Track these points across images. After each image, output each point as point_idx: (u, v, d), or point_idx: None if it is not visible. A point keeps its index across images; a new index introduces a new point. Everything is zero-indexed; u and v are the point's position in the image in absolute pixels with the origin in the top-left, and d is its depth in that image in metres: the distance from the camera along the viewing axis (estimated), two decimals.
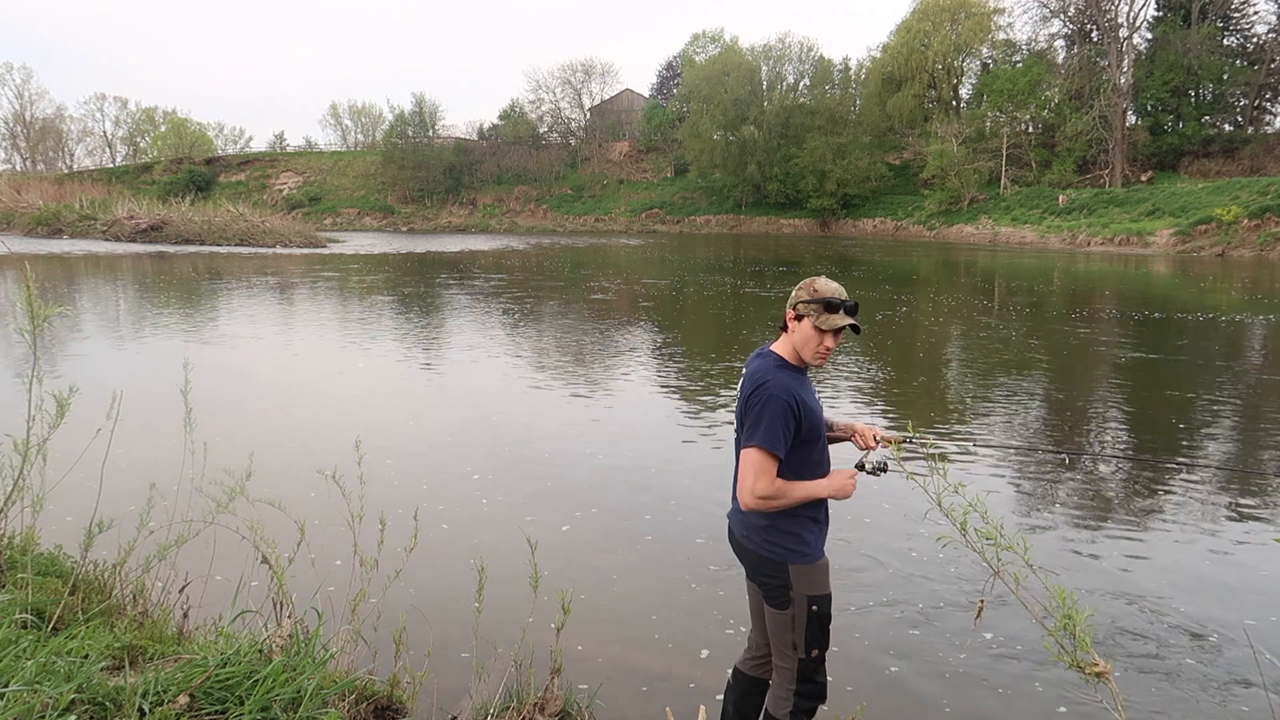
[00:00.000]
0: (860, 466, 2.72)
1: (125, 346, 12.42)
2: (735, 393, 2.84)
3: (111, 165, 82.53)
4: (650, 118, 70.49)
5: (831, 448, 2.81)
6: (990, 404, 9.25)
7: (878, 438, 2.80)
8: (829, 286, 2.65)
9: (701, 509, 5.80)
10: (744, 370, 2.79)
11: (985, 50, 57.68)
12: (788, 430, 2.56)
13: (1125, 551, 5.24)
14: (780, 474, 2.59)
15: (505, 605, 3.83)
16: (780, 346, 2.73)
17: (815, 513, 2.70)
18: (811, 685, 2.73)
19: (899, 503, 5.79)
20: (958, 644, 4.10)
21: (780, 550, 2.66)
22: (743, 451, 2.61)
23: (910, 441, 2.73)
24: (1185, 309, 17.40)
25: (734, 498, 2.76)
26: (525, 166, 69.53)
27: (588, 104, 74.10)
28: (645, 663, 3.95)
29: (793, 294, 2.69)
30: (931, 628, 4.28)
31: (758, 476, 2.55)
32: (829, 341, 2.64)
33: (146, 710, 2.24)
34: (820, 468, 2.70)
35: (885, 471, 2.71)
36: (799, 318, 2.66)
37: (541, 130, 73.13)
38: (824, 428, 2.73)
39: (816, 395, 2.77)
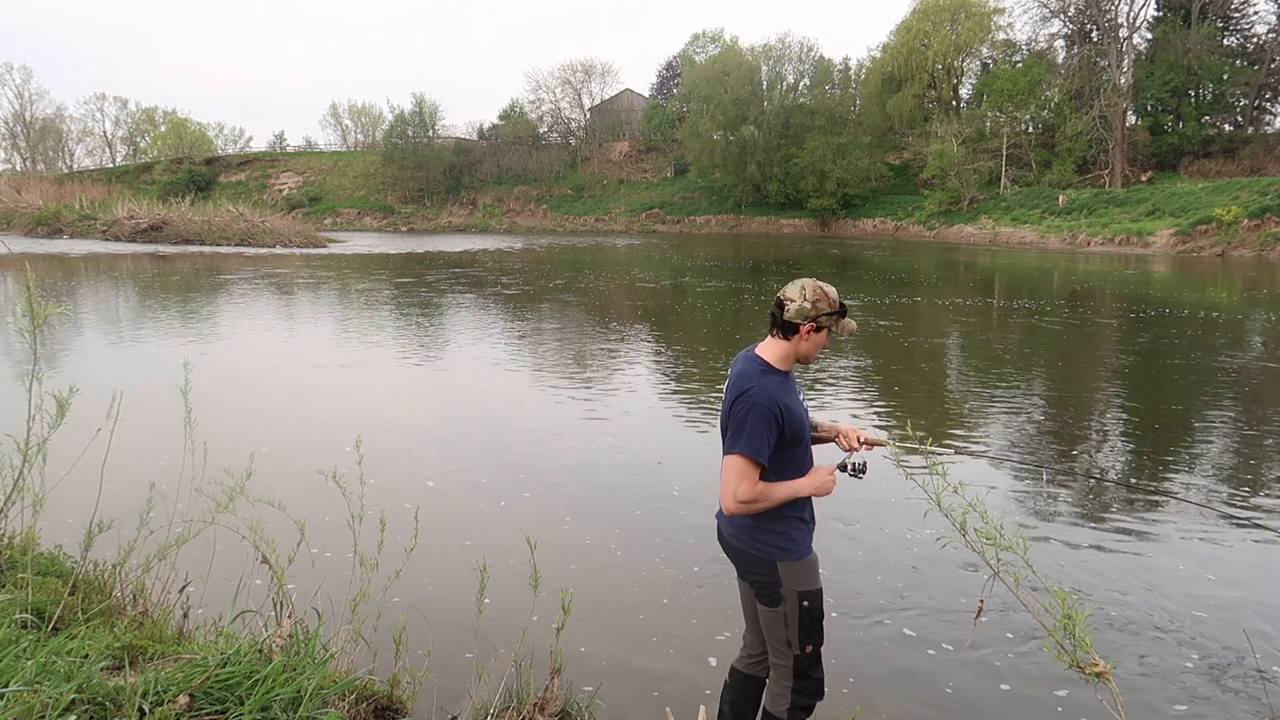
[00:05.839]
0: (842, 467, 2.73)
1: (125, 346, 12.42)
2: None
3: (111, 165, 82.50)
4: (650, 118, 70.48)
5: (815, 448, 2.82)
6: (987, 406, 9.25)
7: (861, 439, 2.81)
8: (836, 292, 2.68)
9: (702, 507, 5.80)
10: (729, 373, 2.79)
11: (985, 50, 57.66)
12: (770, 436, 2.56)
13: (1125, 551, 5.24)
14: (764, 477, 2.60)
15: (505, 605, 3.83)
16: (767, 350, 2.70)
17: (801, 512, 2.72)
18: (808, 682, 2.73)
19: (897, 502, 5.80)
20: (957, 644, 4.10)
21: (768, 548, 2.67)
22: (726, 458, 2.61)
23: (889, 447, 2.72)
24: (1187, 307, 17.41)
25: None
26: (525, 166, 69.51)
27: (588, 104, 74.11)
28: (645, 663, 3.95)
29: (802, 304, 2.61)
30: (931, 628, 4.28)
31: (739, 482, 2.56)
32: (827, 341, 2.72)
33: (146, 710, 2.24)
34: (802, 470, 2.71)
35: (865, 474, 2.71)
36: (819, 329, 2.65)
37: (541, 130, 73.11)
38: (808, 430, 2.73)
39: (801, 397, 2.77)
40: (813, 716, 2.81)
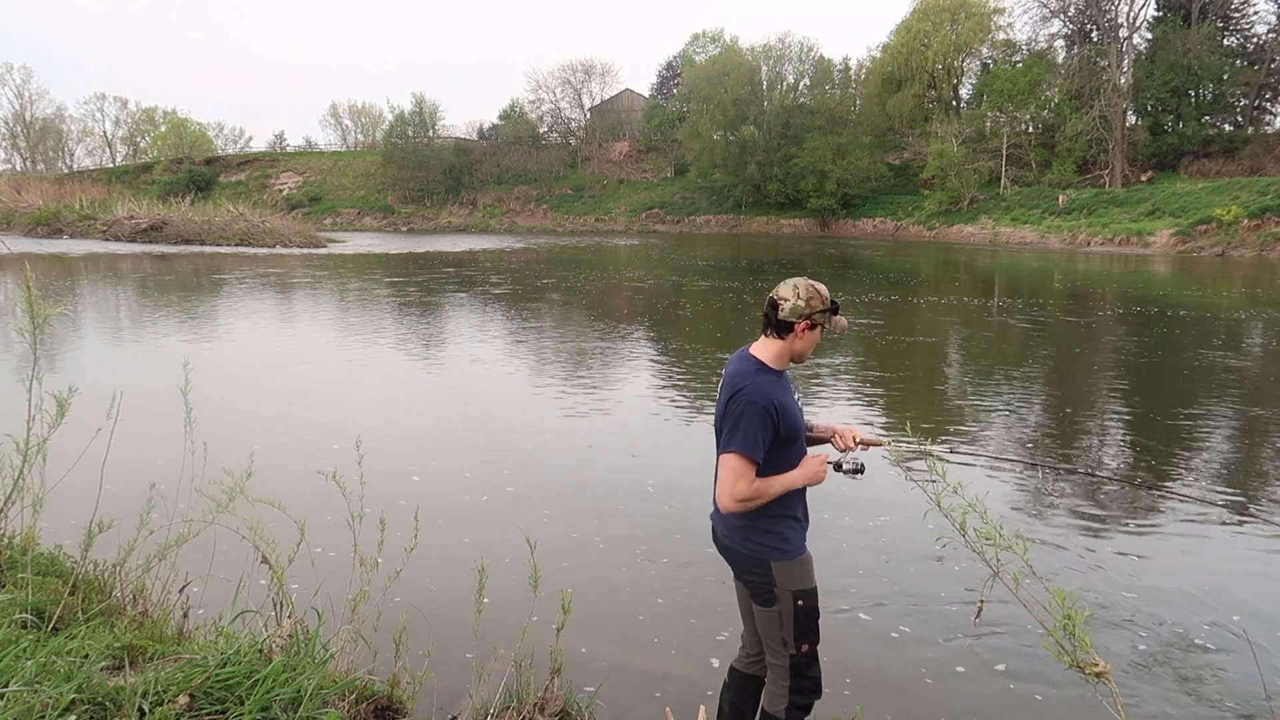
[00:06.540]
0: (838, 467, 2.73)
1: (125, 346, 12.42)
2: None
3: (111, 165, 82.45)
4: (650, 118, 70.43)
5: (811, 449, 2.82)
6: (987, 407, 9.25)
7: (856, 439, 2.81)
8: (826, 290, 2.68)
9: (702, 509, 5.79)
10: (723, 372, 2.80)
11: (985, 50, 57.60)
12: (765, 434, 2.57)
13: (1125, 551, 5.23)
14: (760, 475, 2.60)
15: (505, 605, 3.83)
16: (761, 350, 2.71)
17: (794, 511, 2.72)
18: (806, 681, 2.73)
19: (898, 503, 5.79)
20: (957, 644, 4.10)
21: (761, 548, 2.68)
22: (722, 456, 2.62)
23: (886, 446, 2.72)
24: (1189, 308, 17.41)
25: (715, 500, 2.77)
26: (525, 166, 69.47)
27: (588, 104, 74.05)
28: (646, 663, 3.95)
29: (796, 303, 2.63)
30: (931, 628, 4.28)
31: (736, 480, 2.57)
32: (820, 338, 2.75)
33: (146, 710, 2.24)
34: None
35: (863, 473, 2.71)
36: (813, 326, 2.67)
37: (541, 130, 73.05)
38: (803, 429, 2.74)
39: (796, 397, 2.77)
40: (811, 716, 2.81)
